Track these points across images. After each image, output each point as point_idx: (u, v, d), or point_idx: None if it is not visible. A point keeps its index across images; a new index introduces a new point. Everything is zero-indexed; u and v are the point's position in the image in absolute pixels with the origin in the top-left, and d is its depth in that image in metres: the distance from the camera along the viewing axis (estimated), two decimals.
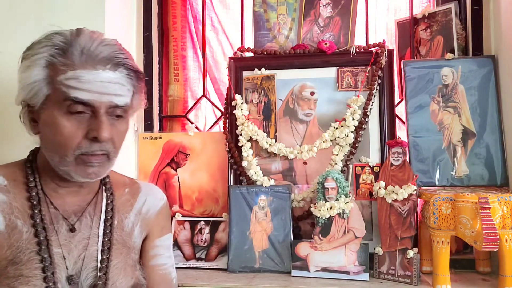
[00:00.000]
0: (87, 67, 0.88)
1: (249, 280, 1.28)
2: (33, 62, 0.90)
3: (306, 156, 1.44)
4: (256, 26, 1.57)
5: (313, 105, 1.48)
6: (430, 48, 1.54)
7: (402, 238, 1.27)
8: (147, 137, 1.59)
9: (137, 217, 1.07)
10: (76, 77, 0.86)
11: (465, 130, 1.39)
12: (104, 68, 0.89)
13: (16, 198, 0.93)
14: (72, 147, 0.88)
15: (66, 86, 0.87)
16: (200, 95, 1.72)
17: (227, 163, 1.51)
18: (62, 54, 0.89)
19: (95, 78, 0.87)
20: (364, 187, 1.42)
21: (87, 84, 0.87)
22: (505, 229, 1.15)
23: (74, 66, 0.87)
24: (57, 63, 0.88)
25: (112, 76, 0.90)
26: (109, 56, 0.90)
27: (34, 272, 0.88)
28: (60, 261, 0.91)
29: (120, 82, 0.91)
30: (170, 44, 1.75)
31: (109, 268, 0.95)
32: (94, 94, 0.87)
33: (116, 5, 1.47)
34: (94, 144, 0.89)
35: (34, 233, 0.91)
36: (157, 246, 1.11)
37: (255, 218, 1.40)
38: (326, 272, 1.30)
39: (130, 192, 1.10)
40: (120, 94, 0.91)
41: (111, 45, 0.93)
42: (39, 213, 0.92)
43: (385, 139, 1.41)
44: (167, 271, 1.11)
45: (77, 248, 0.94)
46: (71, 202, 0.98)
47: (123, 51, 0.95)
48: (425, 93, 1.42)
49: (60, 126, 0.88)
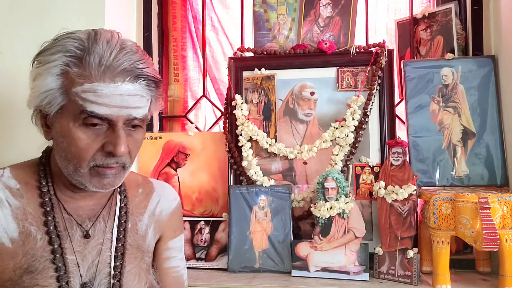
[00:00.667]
0: (105, 80, 0.81)
1: (249, 280, 1.28)
2: (46, 70, 0.83)
3: (306, 156, 1.44)
4: (256, 26, 1.57)
5: (313, 105, 1.48)
6: (430, 48, 1.54)
7: (402, 238, 1.27)
8: (147, 137, 1.59)
9: (150, 219, 1.04)
10: (93, 90, 0.81)
11: (465, 130, 1.39)
12: (124, 81, 0.83)
13: (29, 203, 0.89)
14: (87, 159, 0.84)
15: (82, 99, 0.81)
16: (200, 95, 1.72)
17: (227, 163, 1.51)
18: (77, 64, 0.82)
19: (114, 92, 0.81)
20: (364, 187, 1.42)
21: (105, 98, 0.81)
22: (505, 229, 1.15)
23: (92, 78, 0.81)
24: (73, 73, 0.82)
25: (131, 88, 0.83)
26: (129, 67, 0.84)
27: (49, 281, 0.85)
28: (74, 268, 0.88)
29: (139, 94, 0.85)
30: (170, 44, 1.75)
31: (123, 275, 0.92)
32: (112, 108, 0.82)
33: (116, 5, 1.47)
34: (109, 158, 0.85)
35: (48, 240, 0.87)
36: (170, 248, 1.08)
37: (255, 218, 1.40)
38: (326, 272, 1.30)
39: (144, 193, 1.06)
40: (138, 106, 0.85)
41: (132, 53, 0.86)
42: (53, 220, 0.89)
43: (385, 139, 1.41)
44: (179, 273, 1.09)
45: (91, 254, 0.91)
46: (85, 207, 0.94)
47: (144, 59, 0.88)
48: (425, 93, 1.42)
49: (75, 138, 0.83)
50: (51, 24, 1.39)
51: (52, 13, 1.40)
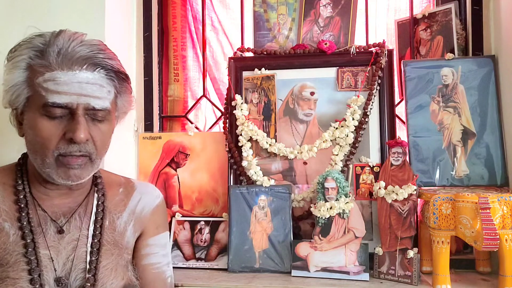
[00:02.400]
0: (63, 68, 0.86)
1: (249, 280, 1.28)
2: (15, 64, 0.89)
3: (306, 156, 1.44)
4: (256, 26, 1.57)
5: (313, 105, 1.48)
6: (430, 48, 1.54)
7: (402, 238, 1.27)
8: (147, 137, 1.59)
9: (130, 216, 1.06)
10: (53, 79, 0.86)
11: (465, 130, 1.39)
12: (81, 69, 0.87)
13: (4, 201, 0.93)
14: (51, 148, 0.88)
15: (44, 89, 0.86)
16: (200, 95, 1.72)
17: (227, 163, 1.50)
18: (40, 56, 0.88)
19: (72, 79, 0.86)
20: (364, 187, 1.42)
21: (64, 86, 0.86)
22: (505, 229, 1.14)
23: (51, 67, 0.86)
24: (36, 64, 0.88)
25: (90, 76, 0.88)
26: (86, 56, 0.88)
27: (20, 274, 0.88)
28: (47, 262, 0.91)
29: (98, 82, 0.89)
30: (170, 44, 1.75)
31: (98, 270, 0.94)
32: (71, 96, 0.86)
33: (116, 5, 1.47)
34: (72, 145, 0.88)
35: (21, 235, 0.91)
36: (151, 244, 1.09)
37: (255, 218, 1.40)
38: (326, 272, 1.30)
39: (124, 192, 1.09)
40: (98, 96, 0.89)
41: (90, 44, 0.91)
42: (26, 215, 0.92)
43: (385, 139, 1.41)
44: (160, 270, 1.10)
45: (66, 250, 0.93)
46: (61, 204, 0.97)
47: (104, 51, 0.92)
48: (425, 93, 1.42)
49: (39, 128, 0.87)
50: (51, 24, 1.39)
51: (52, 13, 1.40)
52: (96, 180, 1.05)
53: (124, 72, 0.97)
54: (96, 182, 1.04)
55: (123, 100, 0.99)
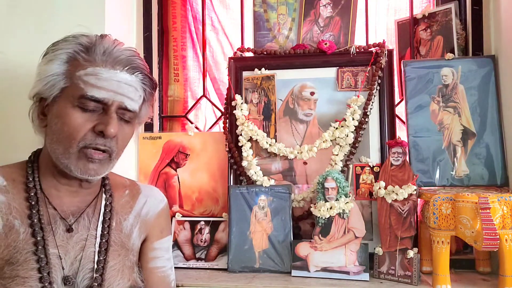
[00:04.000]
0: (107, 66, 0.92)
1: (249, 280, 1.28)
2: (56, 56, 0.93)
3: (306, 156, 1.44)
4: (256, 26, 1.57)
5: (313, 105, 1.48)
6: (430, 48, 1.54)
7: (402, 238, 1.27)
8: (147, 137, 1.59)
9: (136, 219, 1.07)
10: (95, 74, 0.90)
11: (465, 130, 1.39)
12: (122, 69, 0.93)
13: (14, 198, 0.93)
14: (77, 138, 0.90)
15: (84, 82, 0.90)
16: (200, 95, 1.72)
17: (227, 163, 1.50)
18: (85, 52, 0.93)
19: (113, 77, 0.91)
20: (364, 187, 1.42)
21: (104, 82, 0.90)
22: (505, 229, 1.14)
23: (95, 63, 0.91)
24: (80, 58, 0.92)
25: (128, 78, 0.94)
26: (128, 59, 0.95)
27: (30, 273, 0.88)
28: (56, 261, 0.91)
29: (134, 85, 0.95)
30: (170, 44, 1.75)
31: (106, 270, 0.95)
32: (109, 92, 0.91)
33: (116, 5, 1.47)
34: (99, 138, 0.92)
35: (31, 233, 0.91)
36: (156, 248, 1.11)
37: (255, 218, 1.40)
38: (326, 272, 1.30)
39: (130, 194, 1.10)
40: (131, 98, 0.95)
41: (131, 50, 0.98)
42: (37, 213, 0.93)
43: (385, 139, 1.41)
44: (165, 273, 1.11)
45: (74, 249, 0.94)
46: (70, 203, 0.98)
47: (141, 59, 1.00)
48: (425, 93, 1.42)
49: (70, 117, 0.90)
50: (51, 24, 1.40)
51: (52, 13, 1.40)
52: (104, 181, 1.06)
53: (155, 81, 1.05)
54: (104, 183, 1.06)
55: (146, 108, 1.04)
